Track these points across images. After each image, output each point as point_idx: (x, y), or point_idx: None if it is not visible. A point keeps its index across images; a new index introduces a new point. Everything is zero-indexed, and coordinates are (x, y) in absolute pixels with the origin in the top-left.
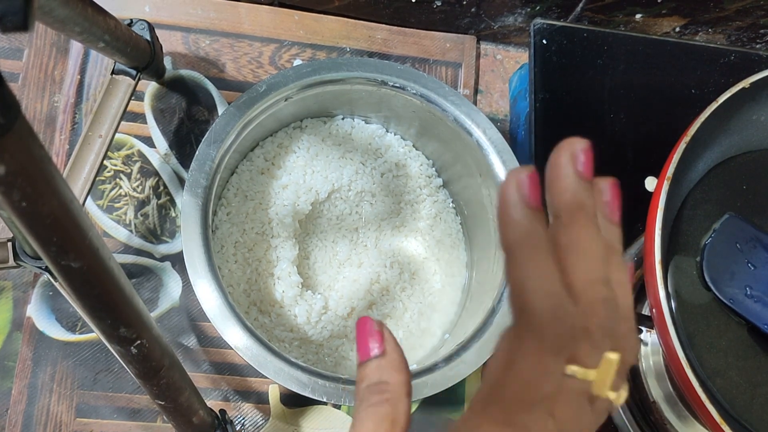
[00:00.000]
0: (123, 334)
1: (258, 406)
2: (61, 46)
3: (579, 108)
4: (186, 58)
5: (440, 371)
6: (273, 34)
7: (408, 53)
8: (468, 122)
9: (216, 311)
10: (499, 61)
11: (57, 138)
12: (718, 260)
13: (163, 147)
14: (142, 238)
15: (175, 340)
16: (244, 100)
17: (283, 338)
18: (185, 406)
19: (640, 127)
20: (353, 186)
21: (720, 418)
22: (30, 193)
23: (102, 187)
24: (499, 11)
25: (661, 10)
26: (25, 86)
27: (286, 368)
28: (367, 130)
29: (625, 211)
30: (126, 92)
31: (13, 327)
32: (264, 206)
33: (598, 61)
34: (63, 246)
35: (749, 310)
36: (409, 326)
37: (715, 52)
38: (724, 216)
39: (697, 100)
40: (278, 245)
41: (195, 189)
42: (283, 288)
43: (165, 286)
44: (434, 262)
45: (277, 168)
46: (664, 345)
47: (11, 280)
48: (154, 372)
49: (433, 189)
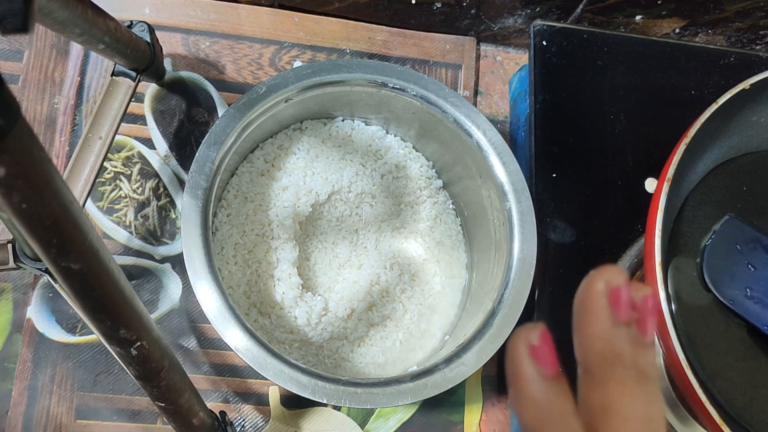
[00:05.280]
0: (123, 335)
1: (258, 407)
2: (61, 48)
3: (579, 109)
4: (186, 59)
5: (440, 373)
6: (273, 36)
7: (408, 55)
8: (468, 124)
9: (216, 313)
10: (499, 62)
11: (57, 140)
12: (718, 261)
13: (163, 149)
14: (142, 239)
15: (175, 342)
16: (244, 101)
17: (283, 340)
18: (185, 408)
19: (640, 129)
20: (353, 188)
21: (720, 419)
22: (30, 195)
23: (102, 189)
24: (498, 13)
25: (660, 11)
26: (25, 88)
27: (286, 370)
28: (367, 132)
29: (626, 212)
30: (126, 94)
31: (13, 329)
32: (264, 208)
33: (598, 62)
34: (63, 248)
35: (749, 312)
36: (409, 328)
37: (714, 53)
38: (725, 217)
39: (697, 102)
40: (278, 247)
41: (195, 191)
42: (283, 290)
43: (165, 288)
44: (434, 263)
45: (277, 170)
46: (664, 346)
47: (11, 282)
48: (154, 374)
49: (433, 190)
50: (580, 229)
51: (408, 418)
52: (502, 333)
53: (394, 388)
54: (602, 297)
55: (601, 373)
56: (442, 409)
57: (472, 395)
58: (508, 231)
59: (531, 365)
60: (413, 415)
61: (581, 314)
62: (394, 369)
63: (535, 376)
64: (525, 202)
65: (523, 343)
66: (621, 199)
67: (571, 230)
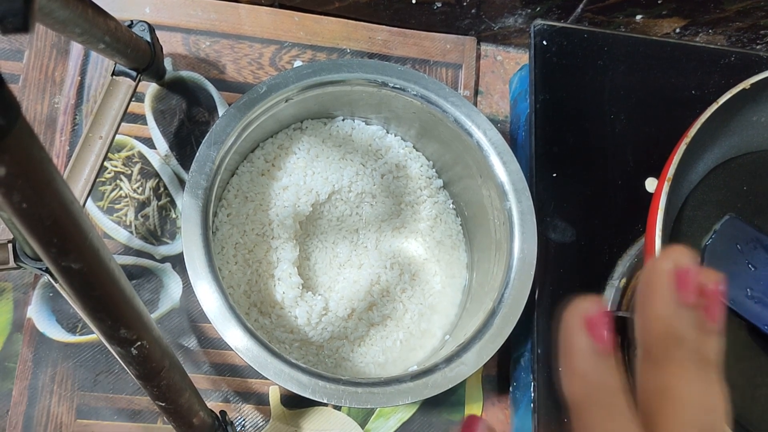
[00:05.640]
0: (123, 335)
1: (258, 407)
2: (62, 48)
3: (579, 109)
4: (186, 59)
5: (440, 372)
6: (273, 36)
7: (408, 54)
8: (468, 123)
9: (216, 312)
10: (500, 62)
11: (57, 139)
12: (718, 261)
13: (163, 148)
14: (143, 239)
15: (176, 342)
16: (244, 101)
17: (284, 339)
18: (186, 408)
19: (640, 128)
20: (353, 187)
21: None
22: (30, 195)
23: (102, 189)
24: (499, 12)
25: (661, 11)
26: (25, 88)
27: (286, 369)
28: (368, 132)
29: (626, 211)
30: (126, 93)
31: (13, 328)
32: (264, 208)
33: (598, 62)
34: (63, 247)
35: (750, 311)
36: (410, 327)
37: (715, 53)
38: (725, 217)
39: (697, 101)
40: (278, 246)
41: (195, 190)
42: (284, 289)
43: (165, 288)
44: (434, 263)
45: (278, 169)
46: None
47: (11, 282)
48: (154, 373)
49: (433, 190)
50: (580, 229)
51: (408, 418)
52: (503, 333)
53: (395, 387)
54: (669, 277)
55: (661, 355)
56: (442, 408)
57: (473, 395)
58: (508, 231)
59: (584, 337)
60: (413, 414)
61: (645, 293)
62: (394, 368)
63: (588, 349)
64: (525, 201)
65: (579, 315)
66: (621, 198)
67: (571, 230)
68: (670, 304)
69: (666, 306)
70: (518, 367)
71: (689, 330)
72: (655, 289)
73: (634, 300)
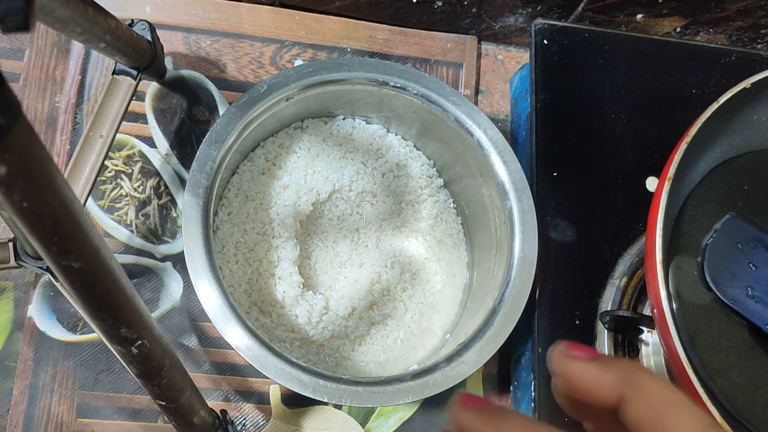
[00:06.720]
0: (124, 334)
1: (259, 406)
2: (62, 47)
3: (580, 108)
4: (187, 58)
5: (441, 371)
6: (274, 35)
7: (409, 53)
8: (469, 122)
9: (217, 311)
10: (500, 61)
11: (58, 138)
12: (719, 260)
13: (164, 147)
14: (143, 238)
15: (176, 341)
16: (245, 100)
17: (284, 338)
18: (186, 407)
19: (641, 128)
20: (354, 186)
21: (721, 418)
22: (31, 194)
23: (103, 188)
24: (500, 11)
25: (661, 10)
26: (26, 86)
27: (287, 368)
28: (368, 131)
29: (627, 211)
30: (127, 92)
31: (14, 327)
32: (265, 207)
33: (599, 61)
34: (64, 246)
35: (750, 311)
36: (410, 326)
37: (715, 52)
38: (725, 216)
39: (698, 101)
40: (279, 246)
41: (196, 189)
42: (284, 288)
43: (166, 287)
44: (435, 262)
45: (278, 168)
46: (665, 345)
47: (12, 281)
48: (155, 372)
49: (433, 189)
50: (581, 228)
51: (409, 417)
52: (503, 332)
53: (395, 386)
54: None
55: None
56: (442, 407)
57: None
58: (509, 230)
59: (574, 356)
60: (414, 413)
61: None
62: (395, 368)
63: (579, 360)
64: (526, 200)
65: (559, 350)
66: (622, 198)
67: (572, 229)
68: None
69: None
70: (519, 366)
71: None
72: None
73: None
